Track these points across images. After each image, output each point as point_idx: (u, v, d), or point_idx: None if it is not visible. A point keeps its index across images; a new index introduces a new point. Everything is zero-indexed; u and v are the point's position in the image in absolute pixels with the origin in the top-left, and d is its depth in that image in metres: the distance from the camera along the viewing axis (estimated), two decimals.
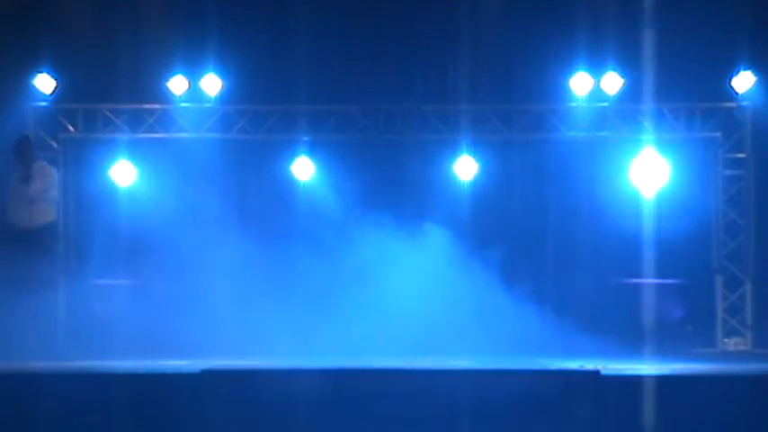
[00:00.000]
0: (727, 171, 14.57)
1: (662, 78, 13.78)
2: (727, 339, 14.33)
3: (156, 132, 14.71)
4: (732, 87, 14.27)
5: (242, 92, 14.61)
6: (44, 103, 14.53)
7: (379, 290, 12.68)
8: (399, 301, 12.63)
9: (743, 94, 14.28)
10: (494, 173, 14.68)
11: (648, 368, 9.12)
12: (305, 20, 13.97)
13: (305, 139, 14.67)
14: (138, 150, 14.66)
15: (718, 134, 14.55)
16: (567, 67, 14.34)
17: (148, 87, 14.55)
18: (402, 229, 13.02)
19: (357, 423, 7.88)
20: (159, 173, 14.48)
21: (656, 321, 13.81)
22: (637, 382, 8.04)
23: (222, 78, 14.47)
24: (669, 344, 13.21)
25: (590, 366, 8.80)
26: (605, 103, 14.50)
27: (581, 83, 14.40)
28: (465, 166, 14.61)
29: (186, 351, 11.26)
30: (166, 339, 11.83)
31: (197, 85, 14.53)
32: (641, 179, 14.44)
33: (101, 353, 11.14)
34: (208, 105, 14.64)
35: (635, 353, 11.99)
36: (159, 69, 14.45)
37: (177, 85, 14.48)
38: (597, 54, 14.14)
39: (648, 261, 13.82)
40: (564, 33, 13.93)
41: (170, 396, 8.03)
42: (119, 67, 14.06)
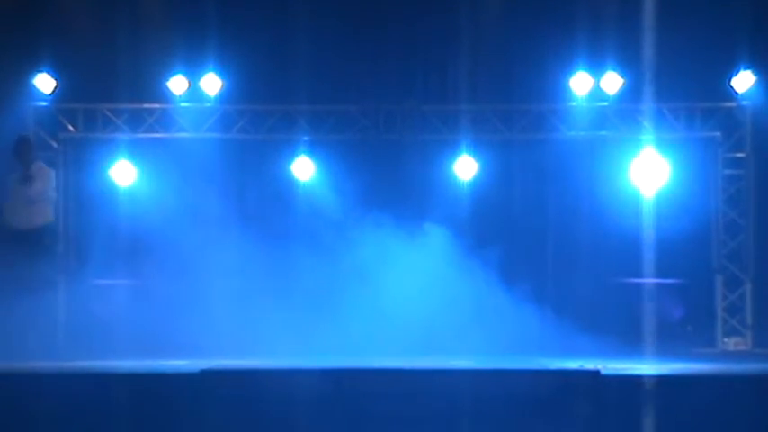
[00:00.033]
0: (726, 171, 14.58)
1: (662, 78, 13.78)
2: (727, 339, 14.33)
3: (156, 132, 14.71)
4: (732, 87, 14.28)
5: (242, 92, 14.61)
6: (44, 103, 14.53)
7: (379, 290, 12.68)
8: (399, 301, 12.63)
9: (743, 93, 14.28)
10: (494, 173, 14.68)
11: (648, 368, 9.11)
12: (305, 20, 13.98)
13: (305, 139, 14.67)
14: (138, 150, 14.67)
15: (718, 134, 14.56)
16: (567, 67, 14.35)
17: (148, 87, 14.55)
18: (402, 229, 13.03)
19: (357, 423, 7.88)
20: (159, 173, 14.48)
21: (656, 321, 13.80)
22: (637, 382, 8.05)
23: (222, 78, 14.48)
24: (669, 344, 13.20)
25: (590, 366, 8.79)
26: (605, 103, 14.51)
27: (581, 83, 14.40)
28: (465, 166, 14.61)
29: (186, 351, 11.27)
30: (166, 339, 11.83)
31: (197, 85, 14.53)
32: (641, 179, 14.43)
33: (101, 353, 11.14)
34: (208, 105, 14.64)
35: (635, 353, 11.97)
36: (159, 69, 14.45)
37: (177, 84, 14.49)
38: (597, 54, 14.15)
39: (648, 261, 13.80)
40: (564, 33, 13.93)
41: (170, 396, 8.03)
42: (119, 67, 14.06)
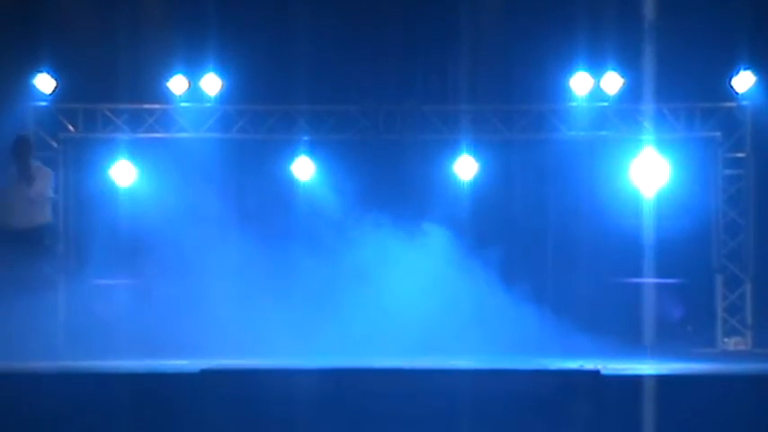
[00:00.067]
0: (726, 171, 14.57)
1: (662, 78, 13.78)
2: (727, 339, 14.32)
3: (156, 132, 14.71)
4: (732, 87, 14.27)
5: (242, 92, 14.61)
6: (44, 103, 14.52)
7: (379, 290, 12.69)
8: (399, 300, 12.64)
9: (743, 93, 14.27)
10: (494, 173, 14.68)
11: (648, 368, 9.11)
12: (305, 20, 13.98)
13: (305, 138, 14.67)
14: (138, 150, 14.66)
15: (718, 134, 14.55)
16: (567, 67, 14.34)
17: (148, 87, 14.55)
18: (402, 229, 13.03)
19: (357, 423, 7.88)
20: (159, 173, 14.48)
21: (656, 321, 13.80)
22: (637, 381, 8.04)
23: (222, 78, 14.47)
24: (669, 344, 13.20)
25: (590, 366, 8.79)
26: (605, 103, 14.50)
27: (581, 83, 14.40)
28: (465, 166, 14.61)
29: (186, 351, 11.26)
30: (167, 339, 11.83)
31: (197, 85, 14.53)
32: (641, 179, 14.43)
33: (101, 353, 11.12)
34: (208, 105, 14.64)
35: (635, 353, 11.97)
36: (159, 69, 14.45)
37: (177, 84, 14.48)
38: (597, 54, 14.14)
39: (648, 261, 13.82)
40: (564, 33, 13.93)
41: (170, 396, 8.02)
42: (119, 67, 14.06)
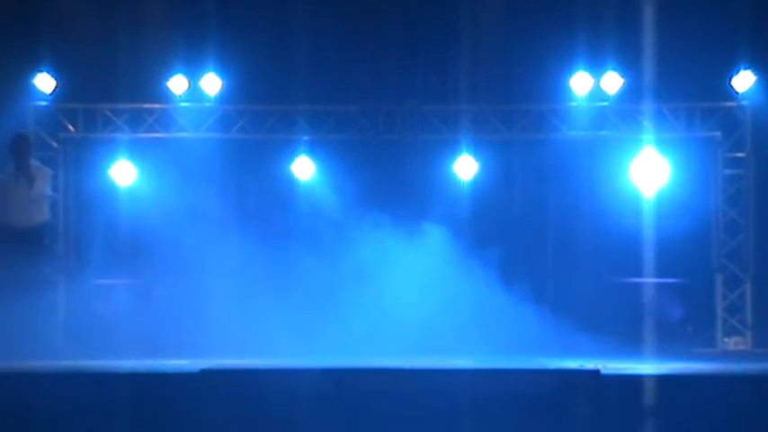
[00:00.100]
0: (726, 170, 14.57)
1: (662, 78, 13.78)
2: (727, 339, 14.33)
3: (156, 132, 14.71)
4: (732, 87, 14.27)
5: (242, 92, 14.61)
6: (44, 103, 14.52)
7: (379, 290, 12.68)
8: (399, 300, 12.63)
9: (743, 93, 14.28)
10: (494, 173, 14.68)
11: (648, 368, 9.10)
12: (305, 20, 13.98)
13: (305, 138, 14.67)
14: (138, 150, 14.66)
15: (718, 134, 14.55)
16: (567, 67, 14.34)
17: (148, 87, 14.55)
18: (402, 229, 13.03)
19: (357, 422, 7.88)
20: (159, 173, 14.48)
21: (656, 321, 13.80)
22: (637, 381, 8.04)
23: (222, 78, 14.47)
24: (669, 344, 13.20)
25: (590, 366, 8.79)
26: (605, 103, 14.50)
27: (581, 83, 14.40)
28: (465, 166, 14.61)
29: (186, 351, 11.26)
30: (166, 339, 11.82)
31: (197, 85, 14.53)
32: (641, 179, 14.43)
33: (101, 353, 11.11)
34: (208, 105, 14.64)
35: (635, 353, 11.97)
36: (159, 69, 14.45)
37: (177, 84, 14.48)
38: (597, 54, 14.14)
39: (648, 260, 13.81)
40: (564, 33, 13.93)
41: (170, 396, 8.02)
42: (119, 67, 14.06)
